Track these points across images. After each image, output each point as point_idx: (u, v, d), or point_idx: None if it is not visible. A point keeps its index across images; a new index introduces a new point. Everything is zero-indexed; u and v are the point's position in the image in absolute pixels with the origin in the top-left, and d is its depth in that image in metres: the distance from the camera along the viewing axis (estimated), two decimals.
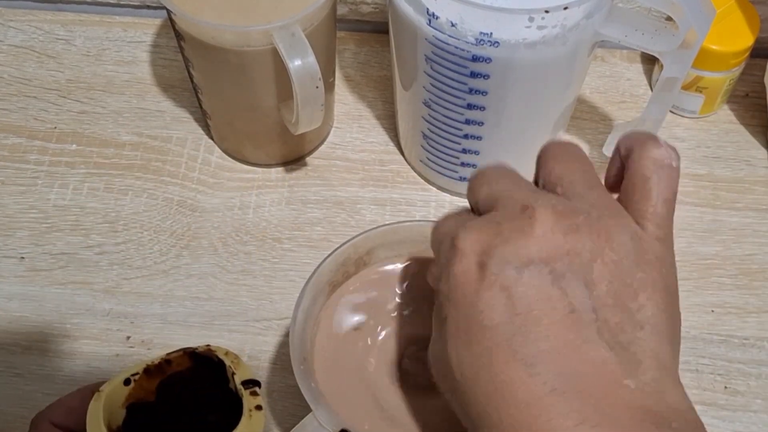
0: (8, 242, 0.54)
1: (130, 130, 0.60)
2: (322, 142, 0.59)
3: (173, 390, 0.35)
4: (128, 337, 0.51)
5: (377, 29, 0.65)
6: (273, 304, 0.52)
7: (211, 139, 0.59)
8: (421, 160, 0.56)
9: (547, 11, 0.42)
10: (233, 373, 0.35)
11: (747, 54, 0.57)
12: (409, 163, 0.58)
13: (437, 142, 0.53)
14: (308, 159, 0.58)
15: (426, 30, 0.45)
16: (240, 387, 0.34)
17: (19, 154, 0.58)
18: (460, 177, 0.54)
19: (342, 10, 0.64)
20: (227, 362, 0.35)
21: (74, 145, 0.59)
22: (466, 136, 0.51)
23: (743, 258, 0.54)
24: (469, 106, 0.48)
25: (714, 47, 0.55)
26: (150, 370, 0.35)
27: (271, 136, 0.55)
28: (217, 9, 0.48)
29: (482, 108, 0.48)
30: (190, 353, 0.35)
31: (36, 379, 0.49)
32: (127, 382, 0.34)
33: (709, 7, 0.45)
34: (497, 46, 0.44)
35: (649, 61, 0.63)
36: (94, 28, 0.65)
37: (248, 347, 0.50)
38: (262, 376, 0.49)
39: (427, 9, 0.44)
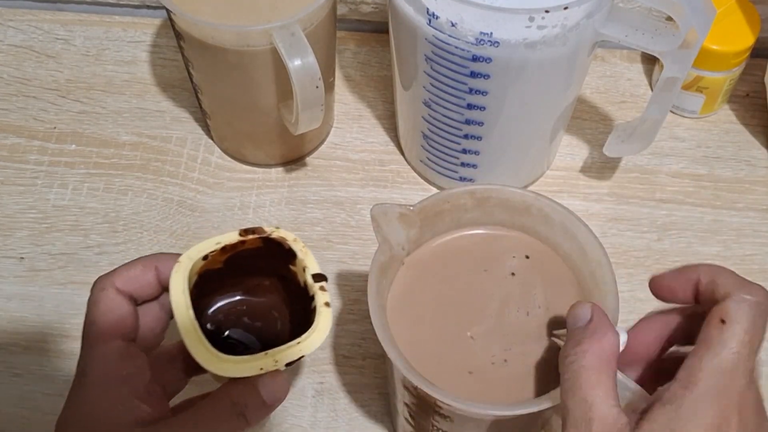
0: (8, 242, 0.54)
1: (129, 130, 0.59)
2: (322, 142, 0.59)
3: (239, 262, 0.39)
4: None
5: (377, 29, 0.65)
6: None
7: (211, 139, 0.59)
8: (421, 160, 0.56)
9: (547, 11, 0.42)
10: (304, 267, 0.38)
11: (747, 54, 0.57)
12: (409, 163, 0.58)
13: (437, 142, 0.52)
14: (308, 159, 0.58)
15: (426, 30, 0.45)
16: (310, 281, 0.38)
17: (18, 154, 0.58)
18: (460, 177, 0.54)
19: (342, 9, 0.64)
20: (297, 251, 0.39)
21: (74, 145, 0.59)
22: (466, 136, 0.51)
23: (743, 258, 0.54)
24: (469, 106, 0.48)
25: (714, 47, 0.55)
26: (225, 248, 0.38)
27: (271, 136, 0.55)
28: (217, 9, 0.48)
29: (482, 108, 0.48)
30: (263, 237, 0.38)
31: (36, 379, 0.49)
32: (205, 257, 0.38)
33: (709, 7, 0.45)
34: (497, 46, 0.44)
35: (650, 61, 0.63)
36: (93, 28, 0.65)
37: None
38: None
39: (427, 9, 0.44)
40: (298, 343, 0.36)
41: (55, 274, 0.53)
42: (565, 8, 0.42)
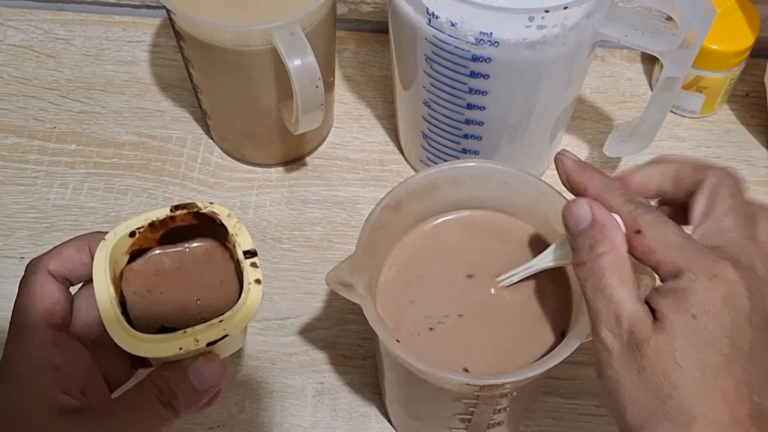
0: (8, 242, 0.54)
1: (129, 130, 0.59)
2: (322, 142, 0.59)
3: (173, 241, 0.38)
4: None
5: (377, 29, 0.65)
6: (273, 304, 0.52)
7: (211, 138, 0.59)
8: (421, 160, 0.56)
9: (547, 11, 0.42)
10: (235, 243, 0.36)
11: (747, 54, 0.57)
12: (409, 163, 0.58)
13: (437, 142, 0.52)
14: (308, 159, 0.58)
15: (426, 29, 0.45)
16: (241, 258, 0.36)
17: (18, 153, 0.58)
18: None
19: (342, 9, 0.64)
20: (229, 227, 0.37)
21: (74, 145, 0.59)
22: (466, 136, 0.51)
23: None
24: (469, 106, 0.48)
25: (714, 47, 0.55)
26: (155, 225, 0.36)
27: (270, 136, 0.55)
28: (216, 8, 0.48)
29: (482, 108, 0.48)
30: (194, 212, 0.37)
31: None
32: (132, 234, 0.36)
33: (709, 6, 0.45)
34: (497, 46, 0.44)
35: (650, 61, 0.63)
36: (93, 27, 0.65)
37: (248, 347, 0.50)
38: (262, 376, 0.49)
39: (427, 8, 0.44)
40: (221, 321, 0.34)
41: None
42: (565, 8, 0.42)
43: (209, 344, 0.34)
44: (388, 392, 0.45)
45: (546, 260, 0.39)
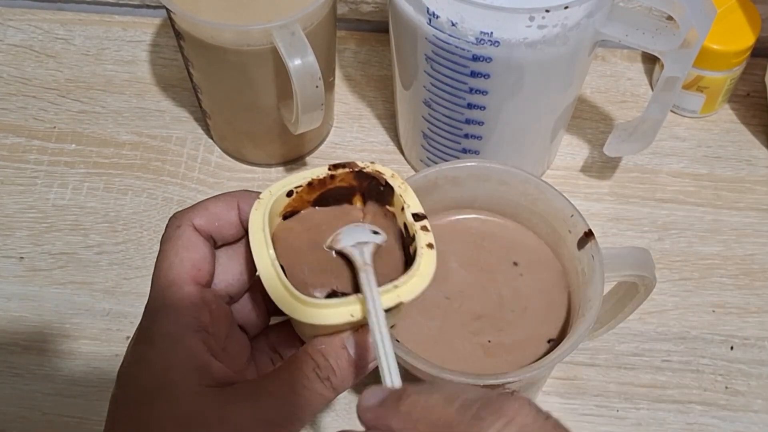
0: (7, 242, 0.54)
1: (129, 130, 0.59)
2: (322, 142, 0.59)
3: (326, 205, 0.35)
4: (128, 337, 0.50)
5: (377, 28, 0.65)
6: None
7: (211, 138, 0.59)
8: (421, 160, 0.56)
9: (547, 10, 0.41)
10: (403, 205, 0.34)
11: (748, 53, 0.57)
12: (409, 163, 0.58)
13: (437, 142, 0.52)
14: (308, 159, 0.58)
15: (426, 29, 0.45)
16: (410, 221, 0.33)
17: (18, 153, 0.58)
18: None
19: (342, 9, 0.63)
20: (395, 188, 0.34)
21: (73, 145, 0.59)
22: (466, 136, 0.51)
23: (744, 258, 0.54)
24: (470, 106, 0.48)
25: (715, 47, 0.55)
26: (313, 184, 0.34)
27: (270, 136, 0.55)
28: (216, 8, 0.48)
29: (482, 108, 0.48)
30: (356, 172, 0.34)
31: (35, 378, 0.49)
32: (290, 193, 0.34)
33: (710, 6, 0.45)
34: (498, 46, 0.44)
35: (650, 61, 0.63)
36: (93, 27, 0.65)
37: None
38: None
39: (428, 8, 0.44)
40: (396, 287, 0.31)
41: (55, 274, 0.53)
42: (566, 8, 0.42)
43: (383, 312, 0.31)
44: None
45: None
